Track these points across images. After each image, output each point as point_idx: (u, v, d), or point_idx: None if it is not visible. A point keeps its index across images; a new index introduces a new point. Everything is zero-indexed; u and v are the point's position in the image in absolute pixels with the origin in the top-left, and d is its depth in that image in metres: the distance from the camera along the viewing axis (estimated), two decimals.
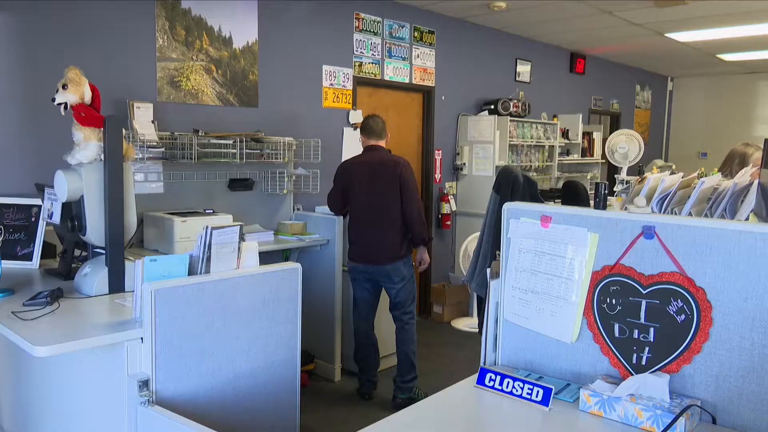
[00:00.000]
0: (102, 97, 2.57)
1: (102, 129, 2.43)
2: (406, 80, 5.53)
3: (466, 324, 5.68)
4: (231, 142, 4.00)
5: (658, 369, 1.50)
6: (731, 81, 9.39)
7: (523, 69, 6.82)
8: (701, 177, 2.49)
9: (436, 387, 1.72)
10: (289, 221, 4.40)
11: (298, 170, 4.46)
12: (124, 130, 3.32)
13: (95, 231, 2.45)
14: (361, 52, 5.12)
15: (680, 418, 1.35)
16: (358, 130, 3.87)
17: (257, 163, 4.30)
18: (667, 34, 6.49)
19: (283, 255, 4.28)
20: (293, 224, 4.32)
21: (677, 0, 4.85)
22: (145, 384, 1.92)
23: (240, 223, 2.32)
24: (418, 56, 5.61)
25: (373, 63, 5.22)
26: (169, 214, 3.54)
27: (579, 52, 7.64)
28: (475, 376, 1.68)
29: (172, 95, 3.96)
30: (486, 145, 5.92)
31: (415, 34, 5.57)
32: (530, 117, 6.44)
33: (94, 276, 2.42)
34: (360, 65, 5.11)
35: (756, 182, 2.71)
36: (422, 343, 5.11)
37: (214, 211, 3.80)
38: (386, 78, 5.35)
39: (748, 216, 2.69)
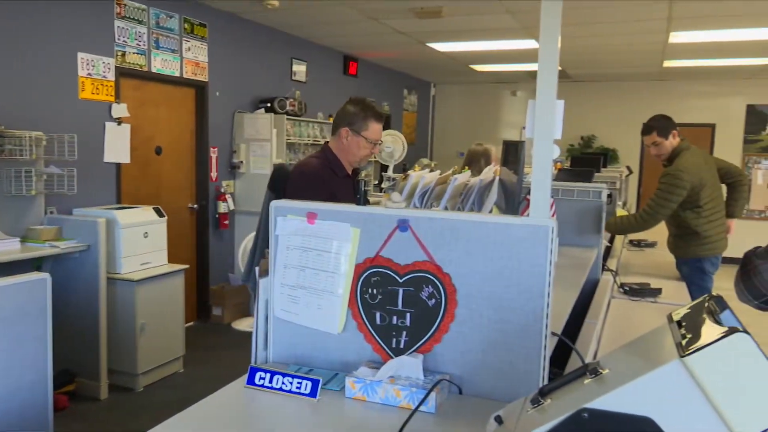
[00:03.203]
0: None
1: None
2: (177, 74, 5.25)
3: (248, 324, 5.60)
4: None
5: (414, 350, 1.63)
6: (482, 89, 10.63)
7: (299, 69, 6.92)
8: (455, 174, 2.77)
9: (212, 392, 1.65)
10: (39, 226, 3.89)
11: (50, 168, 3.97)
12: None
13: None
14: (125, 41, 4.73)
15: (431, 393, 1.48)
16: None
17: None
18: (428, 44, 7.10)
19: (34, 264, 3.78)
20: (45, 229, 3.83)
21: (433, 13, 5.33)
22: None
23: None
24: (189, 49, 5.36)
25: (138, 53, 4.86)
26: None
27: (352, 56, 7.99)
28: (246, 376, 1.66)
29: None
30: (263, 143, 5.89)
31: (186, 26, 5.31)
32: (307, 116, 6.56)
33: None
34: (123, 55, 4.72)
35: (497, 179, 3.10)
36: (201, 348, 4.92)
37: None
38: (154, 70, 5.02)
39: (492, 208, 3.06)
